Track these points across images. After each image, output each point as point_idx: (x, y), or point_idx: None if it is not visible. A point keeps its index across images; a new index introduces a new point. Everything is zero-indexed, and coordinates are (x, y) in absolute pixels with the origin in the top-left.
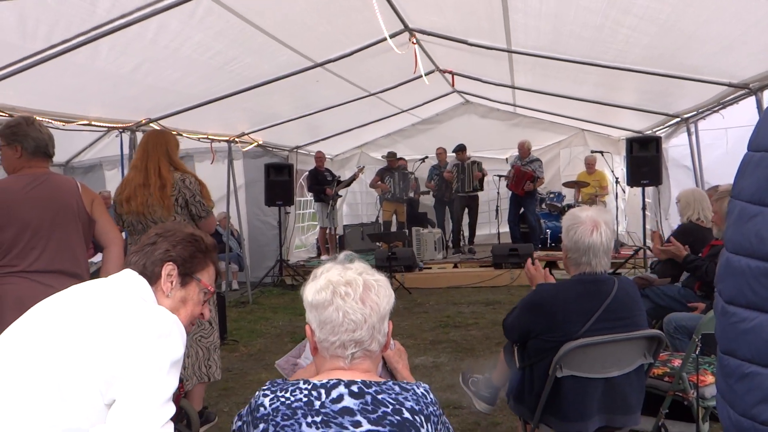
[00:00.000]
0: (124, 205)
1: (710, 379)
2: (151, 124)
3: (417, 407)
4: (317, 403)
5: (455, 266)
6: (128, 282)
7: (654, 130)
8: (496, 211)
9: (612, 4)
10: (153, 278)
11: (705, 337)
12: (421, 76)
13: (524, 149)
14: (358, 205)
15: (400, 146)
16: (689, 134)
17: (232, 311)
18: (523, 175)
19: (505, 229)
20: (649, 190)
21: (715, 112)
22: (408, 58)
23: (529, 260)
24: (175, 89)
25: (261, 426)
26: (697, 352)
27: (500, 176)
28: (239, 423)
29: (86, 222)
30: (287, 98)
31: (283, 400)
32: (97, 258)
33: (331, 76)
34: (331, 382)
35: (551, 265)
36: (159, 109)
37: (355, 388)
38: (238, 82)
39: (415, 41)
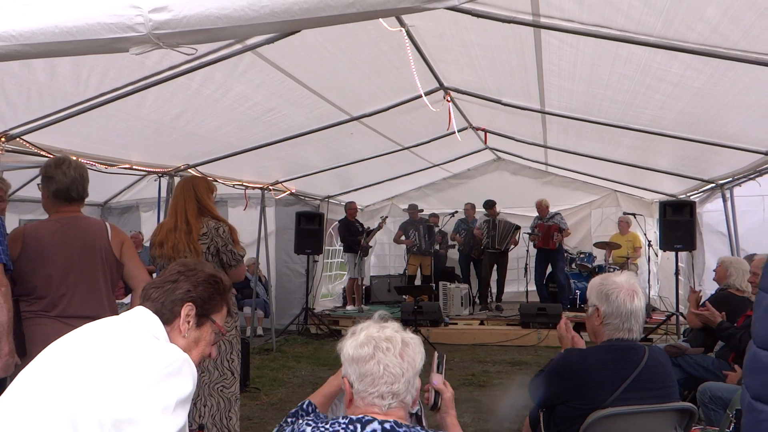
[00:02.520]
0: (157, 248)
1: None
2: (189, 170)
3: None
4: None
5: (482, 323)
6: (140, 319)
7: (688, 194)
8: (525, 268)
9: (646, 71)
10: (171, 316)
11: (740, 412)
12: (453, 133)
13: (542, 208)
14: (386, 256)
15: (430, 200)
16: (724, 200)
17: (255, 358)
18: (549, 229)
19: (534, 287)
20: (683, 255)
21: (751, 179)
22: (442, 115)
23: (563, 319)
24: (213, 137)
25: None
26: (731, 429)
27: (528, 234)
28: None
29: (114, 265)
30: (321, 149)
31: (322, 430)
32: (128, 299)
33: (366, 129)
34: (367, 418)
35: (580, 327)
36: (197, 156)
37: (387, 425)
38: (274, 132)
39: (449, 99)
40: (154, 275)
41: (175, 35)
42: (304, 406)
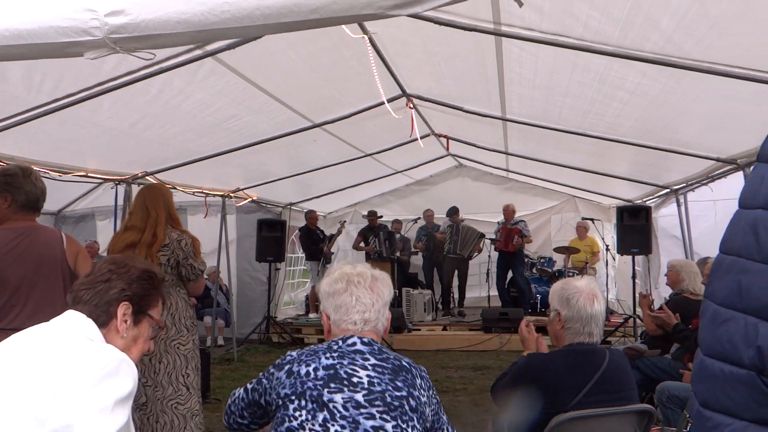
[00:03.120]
0: None
1: None
2: (147, 177)
3: (414, 365)
4: (335, 346)
5: (444, 329)
6: (72, 323)
7: (644, 199)
8: (487, 273)
9: (603, 80)
10: (106, 318)
11: None
12: (416, 140)
13: (509, 212)
14: (348, 263)
15: (393, 206)
16: (678, 205)
17: (216, 368)
18: (510, 232)
19: (495, 292)
20: (639, 258)
21: (704, 185)
22: (404, 121)
23: (524, 322)
24: (172, 144)
25: (286, 367)
26: (688, 428)
27: (491, 240)
28: (263, 374)
29: (69, 276)
30: (283, 156)
31: (307, 353)
32: None
33: (328, 136)
34: (347, 336)
35: (541, 330)
36: (155, 163)
37: (366, 339)
38: (235, 139)
39: (412, 106)
40: None
41: (132, 40)
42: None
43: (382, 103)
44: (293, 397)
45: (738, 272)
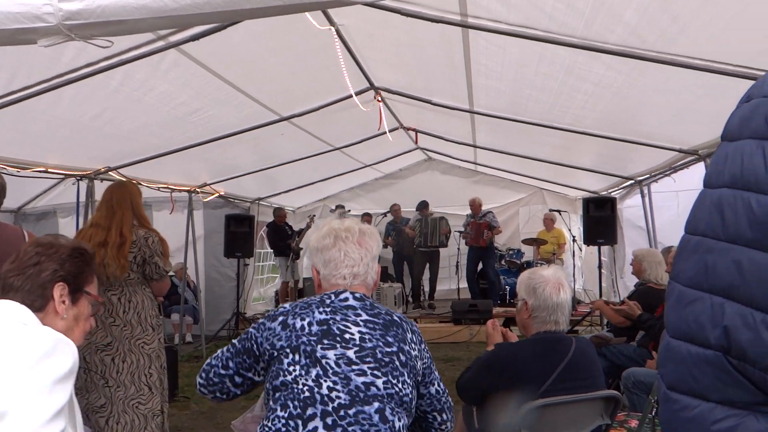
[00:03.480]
0: None
1: None
2: (110, 173)
3: (405, 320)
4: (328, 301)
5: (415, 321)
6: (2, 312)
7: (609, 191)
8: (456, 266)
9: (569, 72)
10: (43, 302)
11: None
12: (385, 133)
13: (476, 206)
14: None
15: (362, 200)
16: (642, 196)
17: (185, 366)
18: (480, 226)
19: (465, 284)
20: (605, 248)
21: (666, 175)
22: (373, 115)
23: (491, 321)
24: (135, 138)
25: (280, 318)
26: (653, 413)
27: (460, 232)
28: (254, 326)
29: None
30: (251, 150)
31: (300, 305)
32: None
33: (296, 130)
34: (339, 290)
35: (511, 321)
36: (119, 158)
37: (357, 295)
38: (201, 133)
39: (380, 99)
40: None
41: (88, 26)
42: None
43: (350, 96)
44: (288, 350)
45: (704, 252)
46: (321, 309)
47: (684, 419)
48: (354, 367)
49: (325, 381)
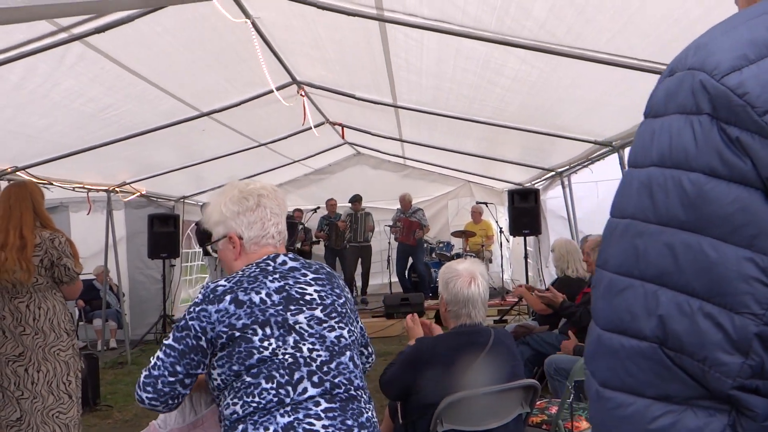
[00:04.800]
0: None
1: (585, 425)
2: (18, 173)
3: (332, 271)
4: (270, 268)
5: None
6: None
7: (533, 182)
8: (388, 261)
9: (486, 66)
10: None
11: (579, 383)
12: (310, 128)
13: (405, 202)
14: None
15: (292, 196)
16: (563, 187)
17: (108, 373)
18: (411, 225)
19: (396, 278)
20: (531, 239)
21: (585, 167)
22: (297, 110)
23: (410, 315)
24: (43, 137)
25: (227, 297)
26: (571, 399)
27: (390, 227)
28: (189, 317)
29: None
30: (172, 147)
31: (238, 277)
32: None
33: (218, 126)
34: (273, 255)
35: None
36: (26, 157)
37: (290, 255)
38: (116, 130)
39: (303, 94)
40: None
41: None
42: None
43: (272, 91)
44: (255, 327)
45: (633, 236)
46: (270, 278)
47: (618, 418)
48: (324, 324)
49: (304, 344)
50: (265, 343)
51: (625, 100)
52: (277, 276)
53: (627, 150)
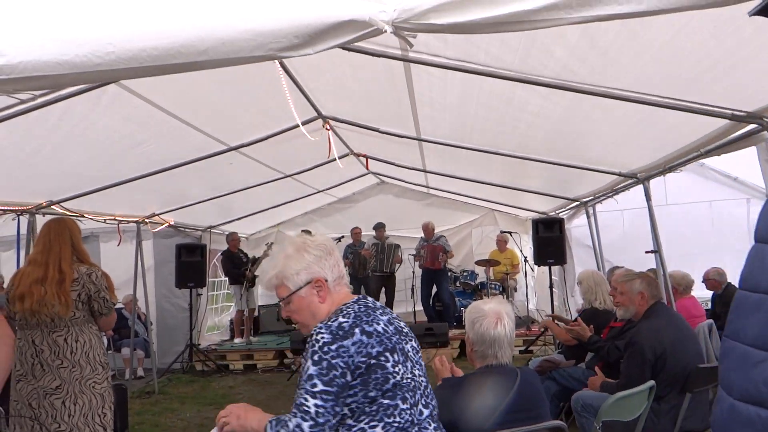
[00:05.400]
0: (17, 303)
1: None
2: (53, 207)
3: None
4: (370, 305)
5: None
6: None
7: (557, 211)
8: (412, 290)
9: (509, 103)
10: None
11: (606, 423)
12: (334, 160)
13: (428, 230)
14: None
15: (316, 225)
16: (588, 216)
17: (135, 402)
18: (435, 249)
19: (421, 307)
20: (555, 268)
21: (609, 197)
22: (322, 143)
23: (438, 358)
24: (78, 172)
25: (356, 330)
26: None
27: (414, 256)
28: (330, 357)
29: None
30: (199, 179)
31: (351, 312)
32: None
33: (245, 159)
34: (358, 297)
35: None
36: (61, 192)
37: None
38: (146, 164)
39: (328, 127)
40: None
41: (10, 82)
42: None
43: (297, 126)
44: (387, 354)
45: None
46: (378, 312)
47: None
48: (418, 354)
49: (415, 369)
50: (397, 368)
51: (650, 134)
52: (379, 311)
53: (652, 181)
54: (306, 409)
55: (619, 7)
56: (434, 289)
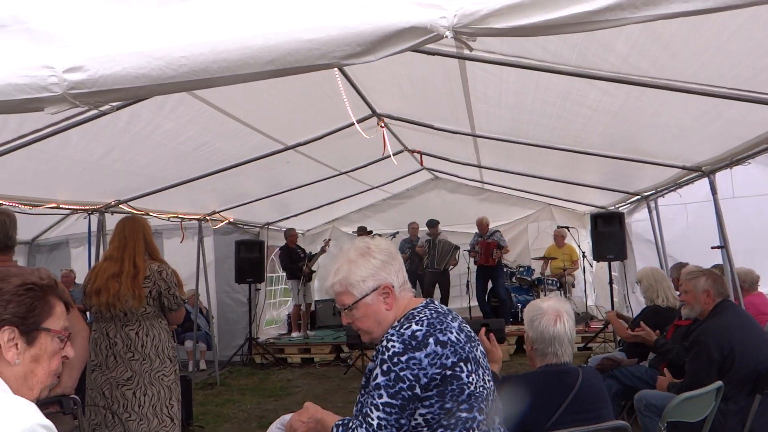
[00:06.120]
0: (93, 297)
1: None
2: (120, 206)
3: None
4: (440, 309)
5: None
6: None
7: (617, 206)
8: (467, 285)
9: (566, 97)
10: None
11: (672, 423)
12: (389, 156)
13: (483, 225)
14: None
15: (371, 221)
16: (650, 210)
17: (199, 394)
18: (489, 246)
19: (476, 303)
20: (615, 264)
21: (672, 191)
22: (377, 140)
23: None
24: (144, 173)
25: (430, 340)
26: None
27: (469, 251)
28: (399, 369)
29: None
30: (258, 178)
31: (425, 319)
32: None
33: (302, 157)
34: (428, 299)
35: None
36: (128, 192)
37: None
38: (208, 164)
39: (383, 125)
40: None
41: (92, 95)
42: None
43: (352, 124)
44: (461, 364)
45: None
46: (449, 318)
47: None
48: (485, 359)
49: (485, 376)
50: (471, 378)
51: (714, 126)
52: (450, 317)
53: (717, 174)
54: (370, 420)
55: (685, 5)
56: (489, 285)
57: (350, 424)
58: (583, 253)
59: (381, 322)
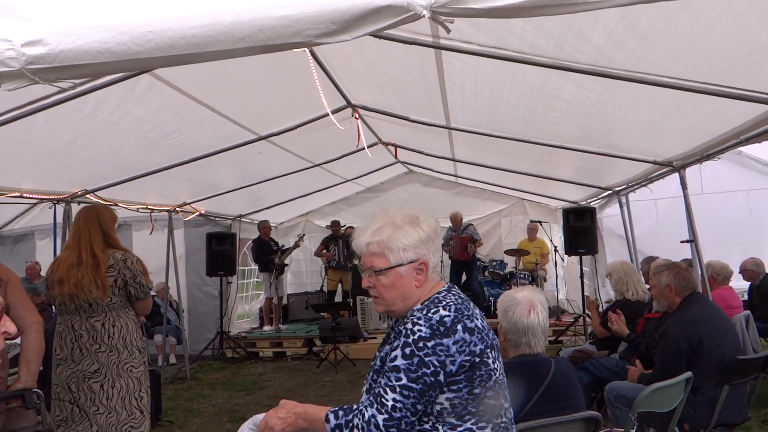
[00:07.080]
0: (56, 287)
1: None
2: (87, 195)
3: None
4: (464, 295)
5: None
6: None
7: (589, 201)
8: (441, 280)
9: (542, 90)
10: None
11: (642, 414)
12: (363, 149)
13: (457, 221)
14: (302, 273)
15: (344, 214)
16: (621, 205)
17: (168, 388)
18: (463, 240)
19: None
20: (586, 258)
21: (643, 185)
22: (351, 132)
23: None
24: (112, 161)
25: (459, 327)
26: (635, 430)
27: (443, 245)
28: (424, 354)
29: None
30: (230, 169)
31: (452, 304)
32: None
33: (275, 148)
34: (450, 284)
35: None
36: (95, 181)
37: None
38: (178, 154)
39: (357, 116)
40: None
41: (52, 70)
42: None
43: (327, 115)
44: (488, 351)
45: None
46: (473, 304)
47: None
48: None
49: (500, 365)
50: (495, 365)
51: (687, 121)
52: (471, 303)
53: (688, 170)
54: (384, 401)
55: None
56: (463, 278)
57: (354, 407)
58: (555, 247)
59: (406, 298)
